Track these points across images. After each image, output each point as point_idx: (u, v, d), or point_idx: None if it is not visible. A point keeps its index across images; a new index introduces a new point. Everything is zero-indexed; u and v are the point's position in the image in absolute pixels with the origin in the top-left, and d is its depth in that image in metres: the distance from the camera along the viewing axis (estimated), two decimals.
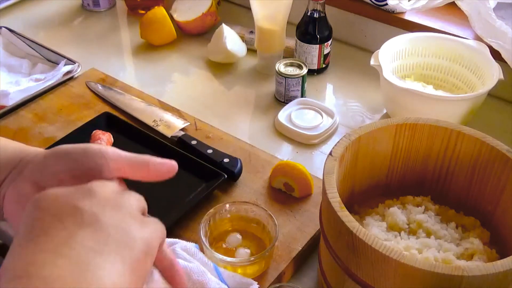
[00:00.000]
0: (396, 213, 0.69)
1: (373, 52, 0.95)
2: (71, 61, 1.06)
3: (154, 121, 0.93)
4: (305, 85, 1.01)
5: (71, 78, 1.04)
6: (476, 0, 0.95)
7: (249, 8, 1.06)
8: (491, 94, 0.95)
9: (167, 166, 0.51)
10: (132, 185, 0.77)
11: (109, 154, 0.47)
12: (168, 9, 1.19)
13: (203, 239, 0.68)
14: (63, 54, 1.08)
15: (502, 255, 0.64)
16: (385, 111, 1.01)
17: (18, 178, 0.48)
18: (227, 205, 0.73)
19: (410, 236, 0.67)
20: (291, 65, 1.01)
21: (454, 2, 0.99)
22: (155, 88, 1.06)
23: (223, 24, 1.11)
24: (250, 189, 0.82)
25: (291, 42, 1.11)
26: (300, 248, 0.73)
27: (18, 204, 0.46)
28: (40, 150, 0.50)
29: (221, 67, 1.13)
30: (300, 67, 1.00)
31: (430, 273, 0.52)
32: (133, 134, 0.90)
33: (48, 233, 0.38)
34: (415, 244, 0.65)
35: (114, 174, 0.48)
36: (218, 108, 1.02)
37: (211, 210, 0.71)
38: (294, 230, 0.76)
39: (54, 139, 0.89)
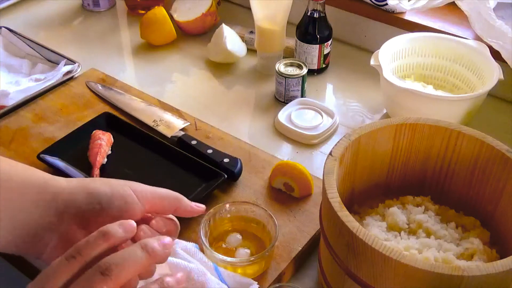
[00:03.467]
0: (396, 213, 0.69)
1: (373, 52, 0.95)
2: (71, 61, 1.06)
3: (154, 121, 0.93)
4: (305, 85, 1.01)
5: (71, 78, 1.04)
6: (476, 0, 0.95)
7: (249, 8, 1.06)
8: (491, 94, 0.95)
9: (195, 210, 0.61)
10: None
11: (142, 200, 0.56)
12: (168, 9, 1.19)
13: (203, 239, 0.68)
14: (63, 54, 1.08)
15: (502, 255, 0.64)
16: (385, 111, 1.01)
17: (61, 225, 0.53)
18: (227, 205, 0.73)
19: (410, 236, 0.67)
20: (291, 65, 1.01)
21: (454, 2, 0.99)
22: (155, 88, 1.06)
23: (223, 24, 1.11)
24: (250, 189, 0.82)
25: (291, 42, 1.11)
26: (300, 248, 0.73)
27: (64, 248, 0.49)
28: (71, 186, 0.55)
29: (221, 67, 1.13)
30: (300, 67, 1.00)
31: (430, 273, 0.52)
32: (133, 134, 0.90)
33: None
34: (415, 244, 0.65)
35: (144, 214, 0.56)
36: (218, 108, 1.02)
37: (211, 210, 0.71)
38: (294, 230, 0.76)
39: (54, 139, 0.89)
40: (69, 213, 0.54)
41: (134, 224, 0.52)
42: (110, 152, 0.86)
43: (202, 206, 0.61)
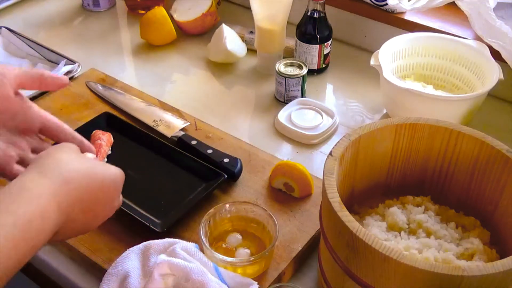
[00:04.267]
0: (396, 213, 0.69)
1: (373, 52, 0.95)
2: (71, 61, 1.06)
3: (154, 121, 0.93)
4: (305, 85, 1.01)
5: (71, 78, 1.04)
6: (476, 0, 0.95)
7: (249, 8, 1.06)
8: (491, 94, 0.95)
9: (58, 81, 0.66)
10: (133, 186, 0.77)
11: (7, 75, 0.61)
12: (168, 9, 1.19)
13: (203, 239, 0.68)
14: (63, 54, 1.08)
15: (502, 255, 0.64)
16: (385, 111, 1.01)
17: None
18: (227, 205, 0.73)
19: (410, 236, 0.67)
20: (291, 65, 1.01)
21: (454, 2, 0.99)
22: (155, 88, 1.06)
23: (223, 24, 1.11)
24: (250, 189, 0.82)
25: (291, 42, 1.11)
26: (300, 248, 0.73)
27: None
28: None
29: (221, 67, 1.13)
30: (300, 67, 1.00)
31: (430, 273, 0.52)
32: (133, 134, 0.90)
33: None
34: (415, 244, 0.65)
35: (16, 88, 0.62)
36: (218, 108, 1.02)
37: (211, 210, 0.71)
38: (294, 230, 0.76)
39: None
40: None
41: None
42: (110, 152, 0.86)
43: (66, 77, 0.68)
